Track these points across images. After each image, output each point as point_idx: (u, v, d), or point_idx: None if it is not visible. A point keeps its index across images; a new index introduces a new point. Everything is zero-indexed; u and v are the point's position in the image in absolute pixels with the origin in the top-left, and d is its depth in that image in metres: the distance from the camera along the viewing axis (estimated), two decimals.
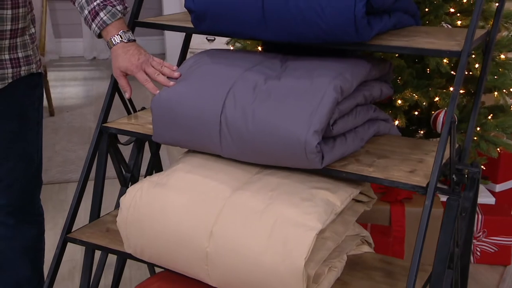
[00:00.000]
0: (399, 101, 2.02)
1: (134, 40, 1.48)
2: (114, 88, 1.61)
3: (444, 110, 1.96)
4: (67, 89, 4.82)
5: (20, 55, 1.55)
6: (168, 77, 1.42)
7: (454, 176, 1.29)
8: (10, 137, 1.61)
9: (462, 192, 1.28)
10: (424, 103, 2.04)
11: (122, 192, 1.73)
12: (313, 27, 1.31)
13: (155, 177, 1.39)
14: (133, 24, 1.62)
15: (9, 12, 1.49)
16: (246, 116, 1.29)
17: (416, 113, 2.19)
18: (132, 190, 1.37)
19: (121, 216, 1.36)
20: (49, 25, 5.82)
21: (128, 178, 1.74)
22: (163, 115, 1.39)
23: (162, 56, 5.34)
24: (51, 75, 5.20)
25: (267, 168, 1.38)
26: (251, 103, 1.30)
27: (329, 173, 1.31)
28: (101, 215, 1.64)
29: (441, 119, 1.95)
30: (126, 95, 1.53)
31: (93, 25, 1.46)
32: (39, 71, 1.64)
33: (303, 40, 1.37)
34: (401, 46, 1.30)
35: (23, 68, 1.56)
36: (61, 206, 2.91)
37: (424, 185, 1.21)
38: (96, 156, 1.59)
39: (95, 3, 1.45)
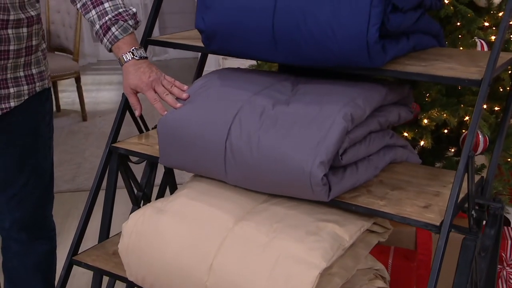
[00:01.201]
0: (425, 121, 1.92)
1: (146, 58, 1.45)
2: (125, 106, 1.59)
3: None
4: (101, 93, 4.86)
5: (34, 71, 1.55)
6: (176, 98, 1.38)
7: (473, 212, 1.20)
8: (24, 153, 1.60)
9: (483, 229, 1.19)
10: (453, 123, 1.93)
11: (133, 211, 1.69)
12: (324, 51, 1.24)
13: (159, 202, 1.35)
14: (146, 42, 1.59)
15: (25, 30, 1.49)
16: (251, 143, 1.24)
17: (445, 131, 2.09)
18: (134, 216, 1.33)
19: (122, 243, 1.32)
20: (87, 29, 5.90)
21: (140, 197, 1.71)
22: (169, 138, 1.35)
23: None
24: (88, 79, 5.27)
25: (274, 196, 1.32)
26: (257, 129, 1.24)
27: (337, 205, 1.24)
28: (112, 227, 1.61)
29: None
30: (136, 113, 1.50)
31: (105, 40, 1.44)
32: (49, 86, 1.64)
33: (314, 63, 1.30)
34: (417, 72, 1.21)
35: (37, 84, 1.56)
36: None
37: (438, 223, 1.13)
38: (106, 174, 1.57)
39: (106, 18, 1.42)
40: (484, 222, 1.24)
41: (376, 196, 1.25)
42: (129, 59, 1.42)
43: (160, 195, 1.78)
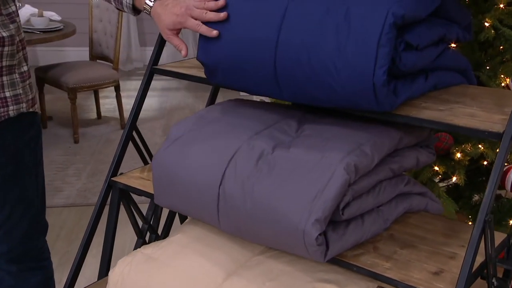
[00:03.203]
0: (458, 155, 1.75)
1: None
2: (127, 137, 1.51)
3: None
4: (183, 52, 4.83)
5: (7, 94, 1.45)
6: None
7: (494, 281, 1.05)
8: (4, 182, 1.51)
9: None
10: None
11: (138, 245, 1.62)
12: (327, 90, 1.12)
13: (150, 248, 1.26)
14: (151, 70, 1.51)
15: None
16: (245, 191, 1.13)
17: (485, 163, 1.91)
18: (121, 263, 1.25)
19: None
20: (135, 33, 5.93)
21: (146, 229, 1.63)
22: (162, 179, 1.26)
23: None
24: (132, 84, 5.29)
25: (271, 248, 1.21)
26: (252, 176, 1.13)
27: (336, 264, 1.12)
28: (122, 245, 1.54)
29: None
30: (183, 53, 1.35)
31: None
32: (32, 110, 1.53)
33: (318, 103, 1.18)
34: (431, 119, 1.07)
35: (11, 108, 1.46)
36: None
37: None
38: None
39: None
40: None
41: (382, 255, 1.12)
42: (153, 2, 1.32)
43: (167, 226, 1.70)
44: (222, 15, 1.22)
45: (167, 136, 1.31)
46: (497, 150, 1.00)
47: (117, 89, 4.14)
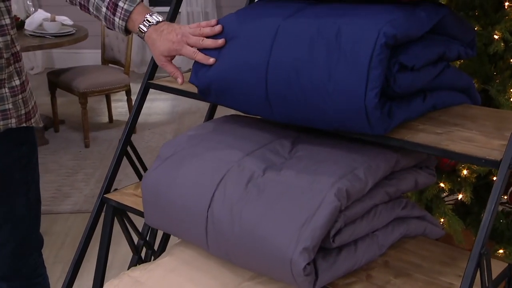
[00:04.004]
0: (465, 172, 1.69)
1: (163, 20, 1.31)
2: (122, 152, 1.48)
3: None
4: (155, 103, 4.84)
5: None
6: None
7: None
8: None
9: None
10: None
11: (133, 261, 1.59)
12: (319, 112, 1.08)
13: (137, 271, 1.23)
14: (147, 85, 1.48)
15: None
16: (233, 215, 1.09)
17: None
18: (108, 286, 1.22)
19: None
20: None
21: (141, 245, 1.60)
22: (152, 200, 1.22)
23: None
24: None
25: (261, 274, 1.16)
26: (240, 200, 1.09)
27: None
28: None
29: None
30: (179, 81, 1.32)
31: (116, 20, 1.31)
32: (27, 125, 1.49)
33: (310, 124, 1.14)
34: (426, 144, 1.02)
35: None
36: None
37: None
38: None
39: None
40: None
41: (375, 284, 1.07)
42: (147, 27, 1.29)
43: (164, 241, 1.67)
44: (220, 41, 1.19)
45: (158, 155, 1.28)
46: None
47: (128, 93, 4.13)
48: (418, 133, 1.07)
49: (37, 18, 3.98)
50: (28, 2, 4.49)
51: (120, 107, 4.71)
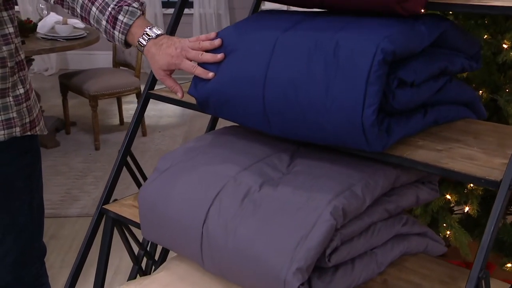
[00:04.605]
0: (471, 184, 1.66)
1: (163, 34, 1.30)
2: (121, 162, 1.47)
3: None
4: (167, 105, 4.81)
5: None
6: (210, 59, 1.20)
7: None
8: None
9: None
10: None
11: (133, 271, 1.58)
12: (316, 128, 1.06)
13: (132, 285, 1.22)
14: (147, 95, 1.47)
15: None
16: (227, 232, 1.07)
17: None
18: None
19: None
20: None
21: (142, 255, 1.59)
22: (148, 213, 1.21)
23: None
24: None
25: None
26: (235, 216, 1.08)
27: None
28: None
29: None
30: (179, 95, 1.32)
31: (116, 33, 1.30)
32: (31, 133, 1.48)
33: (308, 140, 1.12)
34: (425, 162, 1.00)
35: (1, 132, 1.41)
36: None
37: None
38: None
39: (109, 9, 1.29)
40: None
41: None
42: (147, 40, 1.27)
43: (165, 251, 1.65)
44: (219, 56, 1.18)
45: (156, 167, 1.27)
46: None
47: (139, 96, 4.13)
48: (418, 150, 1.04)
49: (49, 21, 4.00)
50: (40, 5, 4.52)
51: (131, 110, 4.71)
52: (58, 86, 4.26)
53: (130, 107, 4.70)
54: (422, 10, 1.03)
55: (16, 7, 5.43)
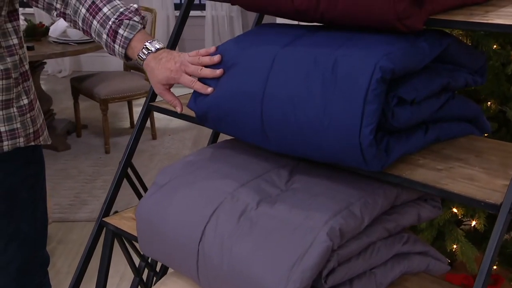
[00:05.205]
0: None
1: (163, 47, 1.29)
2: (121, 174, 1.46)
3: None
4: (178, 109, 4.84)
5: (2, 129, 1.40)
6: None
7: None
8: None
9: None
10: None
11: (134, 283, 1.57)
12: (314, 146, 1.04)
13: None
14: (148, 107, 1.46)
15: None
16: (223, 251, 1.06)
17: None
18: None
19: None
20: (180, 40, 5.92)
21: (143, 267, 1.58)
22: (146, 228, 1.20)
23: None
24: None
25: None
26: (231, 235, 1.06)
27: None
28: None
29: None
30: (178, 110, 1.31)
31: (116, 47, 1.30)
32: (35, 143, 1.47)
33: (308, 157, 1.10)
34: (423, 183, 0.97)
35: (5, 143, 1.41)
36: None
37: None
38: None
39: (110, 22, 1.29)
40: None
41: None
42: (147, 54, 1.27)
43: None
44: (218, 72, 1.17)
45: (154, 181, 1.26)
46: None
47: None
48: (418, 169, 1.02)
49: (61, 25, 4.02)
50: None
51: None
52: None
53: (140, 110, 4.71)
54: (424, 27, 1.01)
55: (30, 9, 5.46)
